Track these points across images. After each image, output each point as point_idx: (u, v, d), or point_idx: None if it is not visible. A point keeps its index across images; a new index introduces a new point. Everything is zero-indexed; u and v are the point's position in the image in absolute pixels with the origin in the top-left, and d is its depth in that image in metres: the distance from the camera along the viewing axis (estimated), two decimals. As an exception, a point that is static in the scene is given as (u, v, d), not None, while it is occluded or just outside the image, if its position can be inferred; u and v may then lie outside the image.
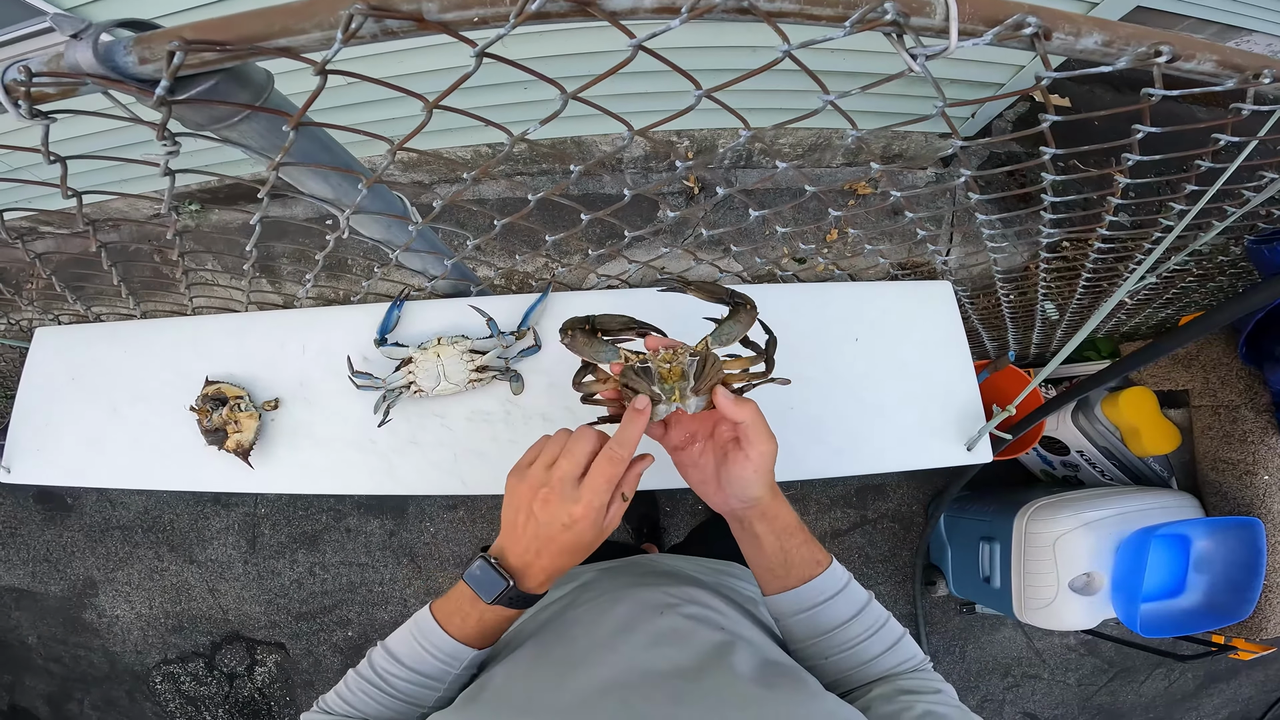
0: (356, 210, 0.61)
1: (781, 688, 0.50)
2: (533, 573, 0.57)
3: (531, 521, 0.56)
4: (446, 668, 0.58)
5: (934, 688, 0.56)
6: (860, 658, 0.59)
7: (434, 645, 0.58)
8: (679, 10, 0.38)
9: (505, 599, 0.56)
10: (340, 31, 0.37)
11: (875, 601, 0.62)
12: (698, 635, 0.58)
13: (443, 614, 0.59)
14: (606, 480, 0.55)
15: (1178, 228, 0.71)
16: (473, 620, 0.58)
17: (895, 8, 0.40)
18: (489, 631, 0.59)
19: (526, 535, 0.56)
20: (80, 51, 0.38)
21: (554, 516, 0.55)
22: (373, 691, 0.58)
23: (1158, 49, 0.45)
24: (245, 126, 0.48)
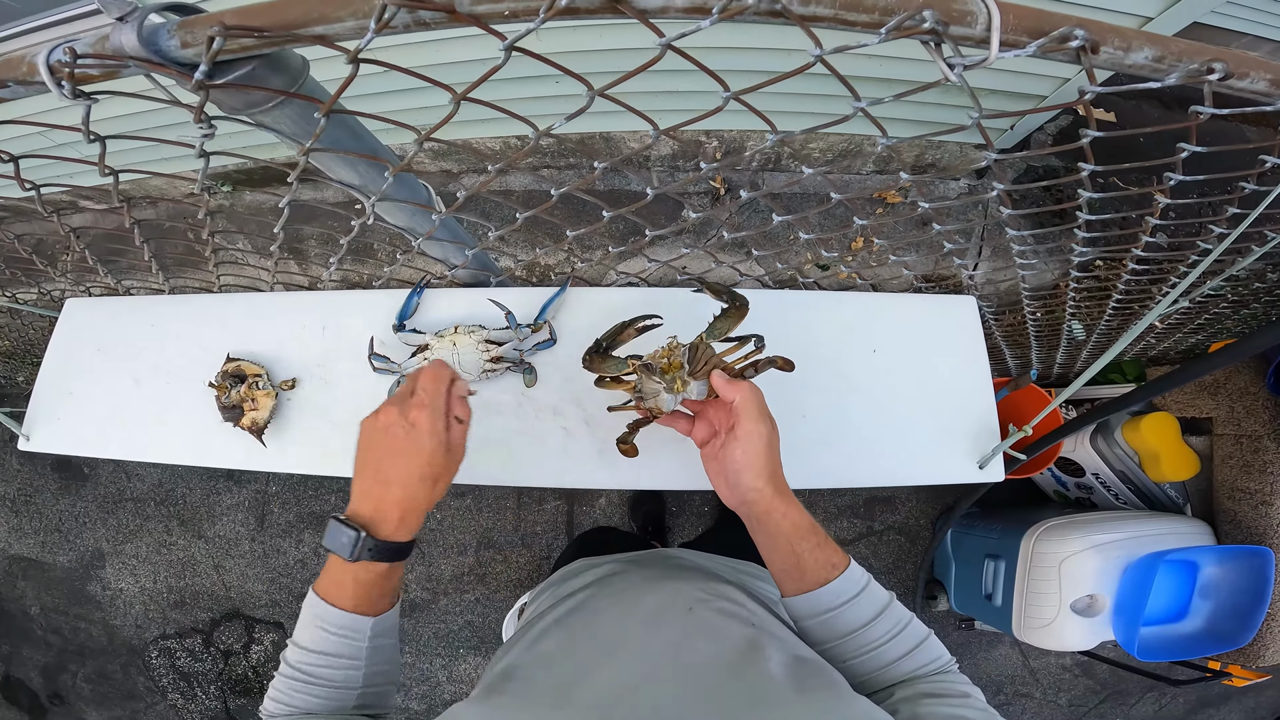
0: (382, 197, 0.61)
1: (814, 690, 0.49)
2: (385, 512, 0.57)
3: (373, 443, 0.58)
4: (351, 641, 0.58)
5: (960, 691, 0.54)
6: (882, 660, 0.58)
7: (329, 623, 0.58)
8: (710, 11, 0.38)
9: (367, 552, 0.56)
10: (374, 21, 0.36)
11: (897, 603, 0.61)
12: (729, 631, 0.57)
13: (324, 589, 0.59)
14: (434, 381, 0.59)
15: (1215, 251, 0.70)
16: (349, 585, 0.57)
17: (934, 15, 0.39)
18: (373, 593, 0.58)
19: (372, 465, 0.58)
20: (125, 34, 0.38)
21: (394, 422, 0.57)
22: (299, 687, 0.58)
23: (1210, 66, 0.43)
24: (279, 112, 0.49)
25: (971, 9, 0.40)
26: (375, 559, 0.56)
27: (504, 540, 2.29)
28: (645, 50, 0.39)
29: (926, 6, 0.39)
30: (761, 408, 0.63)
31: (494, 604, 2.26)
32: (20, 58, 0.44)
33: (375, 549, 0.56)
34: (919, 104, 1.73)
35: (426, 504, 0.59)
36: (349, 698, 0.60)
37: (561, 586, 0.82)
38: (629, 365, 0.71)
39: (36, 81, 0.43)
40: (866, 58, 1.51)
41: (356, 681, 0.59)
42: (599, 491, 2.30)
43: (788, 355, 0.71)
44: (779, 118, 0.54)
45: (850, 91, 0.49)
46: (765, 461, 0.61)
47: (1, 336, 1.88)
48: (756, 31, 1.41)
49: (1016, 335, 1.62)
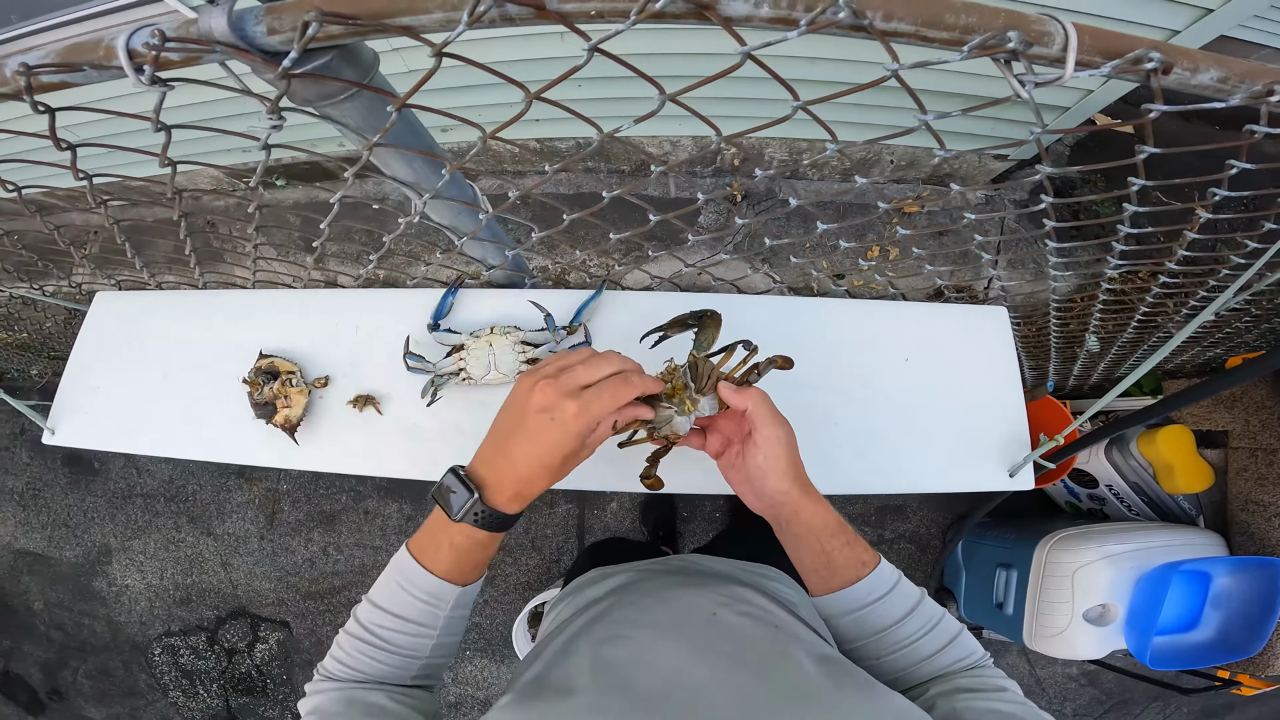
0: (435, 195, 0.62)
1: (848, 685, 0.49)
2: (504, 484, 0.55)
3: (521, 415, 0.55)
4: (433, 609, 0.57)
5: (996, 685, 0.54)
6: (915, 656, 0.58)
7: (415, 585, 0.57)
8: (797, 22, 0.38)
9: (473, 516, 0.54)
10: (466, 14, 0.37)
11: (929, 599, 0.61)
12: (754, 633, 0.57)
13: (418, 548, 0.58)
14: (612, 395, 0.55)
15: (1256, 264, 0.70)
16: (445, 549, 0.56)
17: (1019, 36, 0.39)
18: (465, 562, 0.57)
19: (509, 435, 0.56)
20: (215, 18, 0.38)
21: (548, 406, 0.54)
22: (366, 649, 0.57)
23: (1271, 88, 0.44)
24: (349, 105, 0.49)
25: (1049, 29, 0.40)
26: (479, 525, 0.55)
27: (514, 543, 2.29)
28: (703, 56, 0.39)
29: (1010, 27, 0.39)
30: (774, 410, 0.63)
31: (502, 606, 2.25)
32: (98, 41, 0.43)
33: (483, 515, 0.55)
34: (964, 117, 1.74)
35: (541, 489, 0.57)
36: (412, 666, 0.59)
37: (579, 596, 0.81)
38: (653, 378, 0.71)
39: (114, 66, 0.42)
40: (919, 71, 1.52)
41: (425, 651, 0.58)
42: (610, 495, 2.30)
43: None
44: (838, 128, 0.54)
45: (918, 104, 0.49)
46: (788, 463, 0.61)
47: (19, 328, 1.88)
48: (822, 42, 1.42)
49: (1033, 347, 1.62)
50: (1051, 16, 0.41)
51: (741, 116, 1.61)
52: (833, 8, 0.37)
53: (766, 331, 0.93)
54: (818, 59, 1.48)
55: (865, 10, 0.38)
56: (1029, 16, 0.40)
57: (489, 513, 0.55)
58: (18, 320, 1.79)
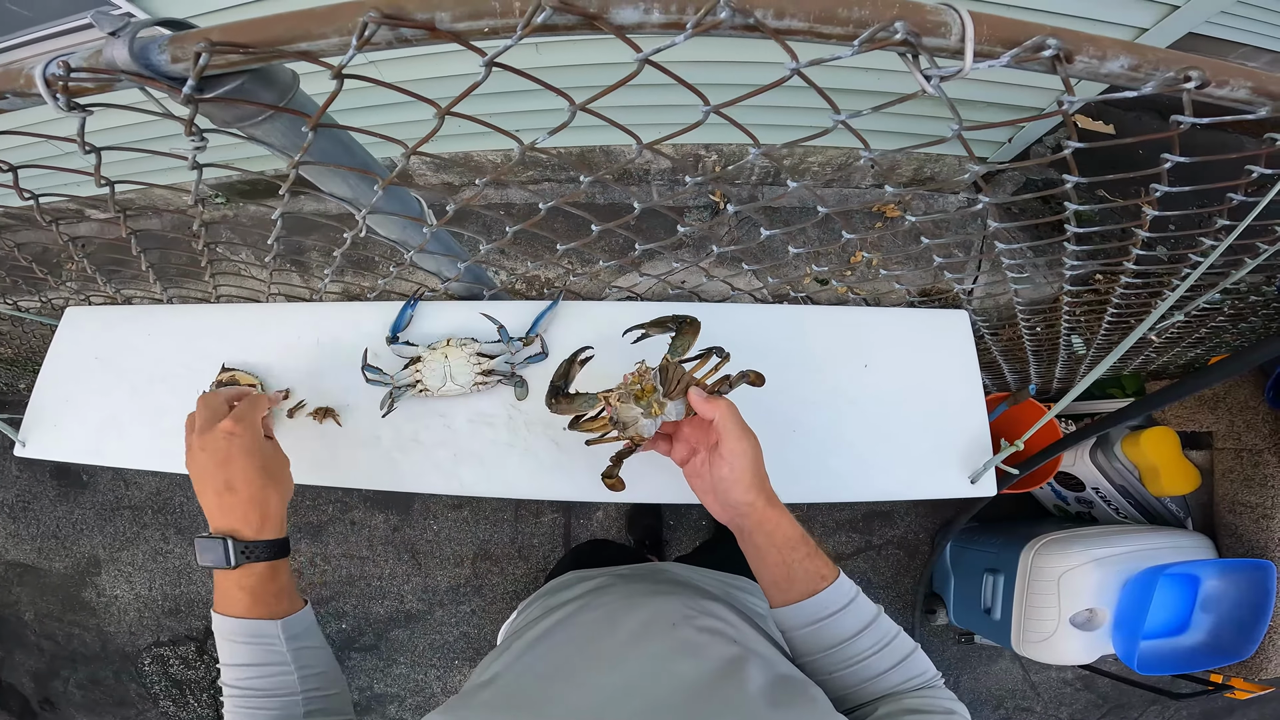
0: (373, 210, 0.62)
1: (793, 706, 0.49)
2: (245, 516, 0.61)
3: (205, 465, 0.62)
4: (267, 647, 0.60)
5: (945, 707, 0.54)
6: (866, 673, 0.58)
7: (235, 634, 0.60)
8: (684, 26, 0.38)
9: (244, 555, 0.59)
10: (355, 38, 0.37)
11: (885, 616, 0.61)
12: (712, 649, 0.57)
13: (219, 606, 0.61)
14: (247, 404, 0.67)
15: (1204, 265, 0.70)
16: (236, 594, 0.60)
17: (906, 27, 0.39)
18: (266, 597, 0.61)
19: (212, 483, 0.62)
20: (117, 49, 0.39)
21: (212, 439, 0.63)
22: (241, 703, 0.60)
23: (1186, 74, 0.43)
24: (269, 125, 0.49)
25: (945, 19, 0.40)
26: (253, 560, 0.59)
27: (501, 552, 2.29)
28: (628, 65, 0.40)
29: (899, 18, 0.39)
30: (741, 423, 0.64)
31: (490, 615, 2.25)
32: (18, 70, 0.44)
33: (248, 550, 0.59)
34: (911, 117, 1.73)
35: (277, 500, 0.64)
36: (294, 705, 0.60)
37: (551, 598, 0.82)
38: (599, 399, 0.71)
39: (34, 93, 0.44)
40: (862, 71, 1.53)
41: (294, 687, 0.60)
42: (596, 505, 2.29)
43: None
44: (768, 130, 0.54)
45: (829, 104, 0.49)
46: (753, 476, 0.62)
47: (4, 344, 1.89)
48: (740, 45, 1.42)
49: (1015, 350, 1.61)
50: (949, 5, 0.40)
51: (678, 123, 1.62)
52: (717, 8, 0.37)
53: (728, 339, 0.93)
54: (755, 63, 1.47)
55: (753, 9, 0.38)
56: (924, 7, 0.39)
57: (252, 545, 0.60)
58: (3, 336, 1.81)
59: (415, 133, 0.48)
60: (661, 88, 1.51)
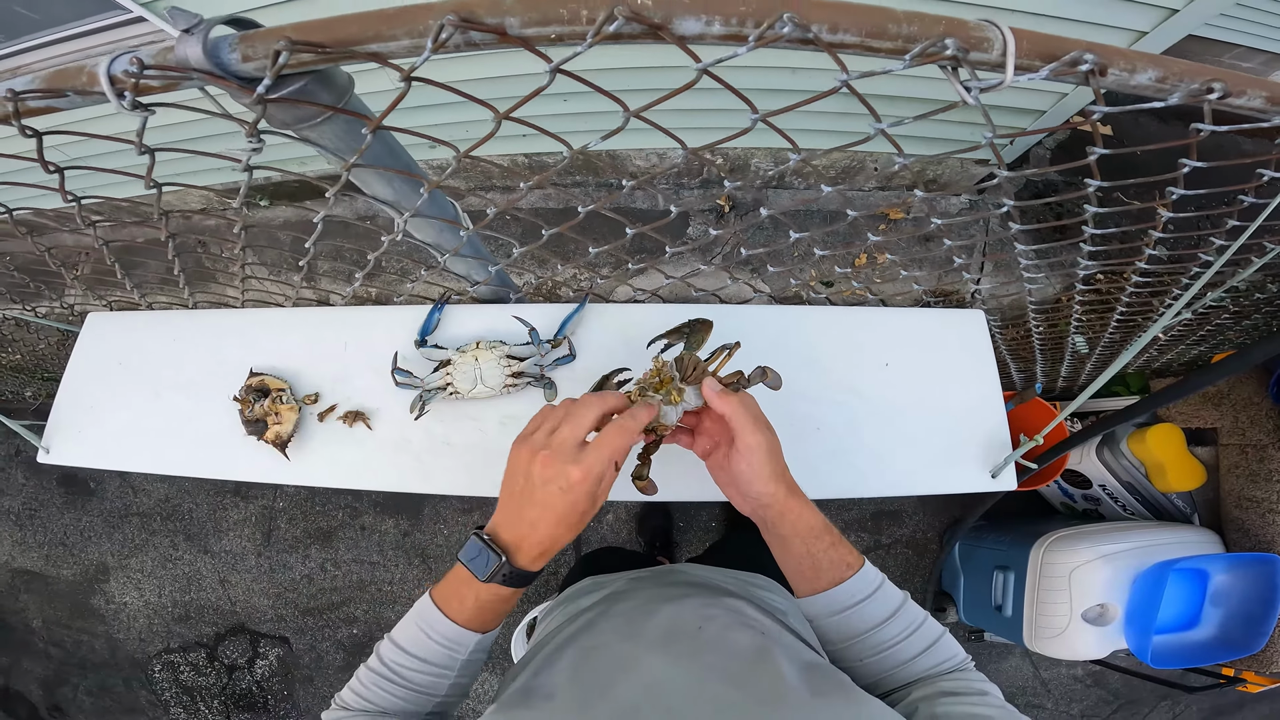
0: (415, 213, 0.63)
1: (829, 694, 0.50)
2: (527, 546, 0.57)
3: (529, 487, 0.56)
4: (452, 653, 0.59)
5: (978, 689, 0.55)
6: (897, 659, 0.58)
7: (437, 632, 0.59)
8: (746, 38, 0.40)
9: (500, 576, 0.56)
10: (430, 40, 0.38)
11: (911, 602, 0.62)
12: (738, 642, 0.58)
13: (442, 598, 0.60)
14: (611, 449, 0.57)
15: (1218, 262, 0.72)
16: (470, 602, 0.58)
17: (955, 43, 0.40)
18: (488, 613, 0.59)
19: (522, 503, 0.57)
20: (191, 46, 0.40)
21: (552, 478, 0.55)
22: (385, 685, 0.59)
23: (1210, 85, 0.45)
24: (326, 127, 0.51)
25: (988, 35, 0.42)
26: (505, 584, 0.57)
27: (511, 555, 2.28)
28: (668, 69, 0.41)
29: (948, 34, 0.41)
30: (756, 416, 0.64)
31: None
32: (79, 67, 0.45)
33: (509, 575, 0.57)
34: (929, 122, 1.76)
35: (566, 543, 0.59)
36: (427, 704, 0.61)
37: (571, 605, 0.82)
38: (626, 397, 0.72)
39: (95, 91, 0.44)
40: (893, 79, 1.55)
41: (441, 689, 0.60)
42: (606, 508, 2.30)
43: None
44: (795, 136, 0.56)
45: (871, 113, 0.51)
46: (771, 468, 0.62)
47: (12, 350, 1.89)
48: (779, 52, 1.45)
49: (1020, 349, 1.64)
50: (991, 22, 0.42)
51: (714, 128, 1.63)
52: (779, 23, 0.38)
53: (748, 340, 0.95)
54: (799, 69, 1.50)
55: (810, 23, 0.39)
56: (968, 23, 0.41)
57: (516, 573, 0.57)
58: (11, 342, 1.81)
59: (451, 135, 0.50)
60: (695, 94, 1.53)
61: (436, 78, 0.45)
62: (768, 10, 0.39)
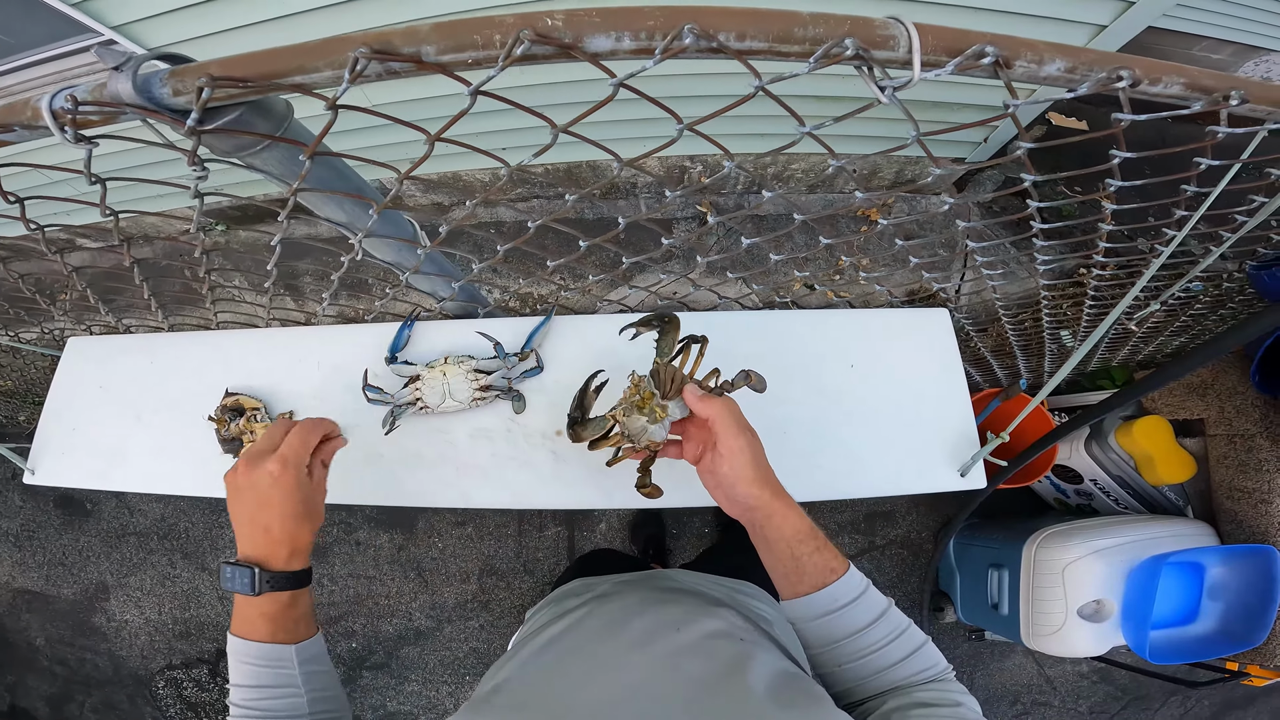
0: (368, 233, 0.65)
1: (795, 705, 0.50)
2: (274, 549, 0.61)
3: (246, 496, 0.62)
4: (281, 670, 0.61)
5: (953, 700, 0.54)
6: (875, 665, 0.58)
7: (252, 657, 0.61)
8: (653, 51, 0.41)
9: (266, 584, 0.60)
10: (348, 72, 0.40)
11: (895, 609, 0.61)
12: (717, 650, 0.58)
13: (238, 629, 0.62)
14: (298, 440, 0.64)
15: (1163, 255, 0.72)
16: (258, 620, 0.61)
17: (855, 43, 0.41)
18: (283, 622, 0.62)
19: (250, 514, 0.62)
20: (121, 83, 0.41)
21: (257, 477, 0.62)
22: None
23: (1118, 73, 0.46)
24: (267, 154, 0.52)
25: (893, 33, 0.42)
26: (276, 589, 0.61)
27: (506, 567, 2.29)
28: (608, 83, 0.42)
29: (849, 34, 0.41)
30: (738, 420, 0.64)
31: (498, 630, 2.25)
32: (24, 102, 0.46)
33: (274, 580, 0.61)
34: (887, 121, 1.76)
35: (308, 536, 0.64)
36: None
37: (559, 605, 0.83)
38: (608, 419, 0.73)
39: (40, 126, 0.46)
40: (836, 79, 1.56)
41: (303, 709, 0.62)
42: (599, 516, 2.31)
43: (766, 374, 0.73)
44: (745, 140, 0.57)
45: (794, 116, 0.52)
46: (754, 471, 0.63)
47: (3, 376, 1.91)
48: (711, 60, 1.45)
49: (1004, 346, 1.64)
50: (896, 19, 0.42)
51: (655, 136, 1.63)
52: (682, 34, 0.40)
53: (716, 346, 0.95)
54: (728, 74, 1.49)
55: (716, 33, 0.40)
56: (874, 22, 0.42)
57: (279, 575, 0.61)
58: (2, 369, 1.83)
59: (405, 152, 0.51)
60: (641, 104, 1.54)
61: (380, 99, 0.46)
62: (671, 23, 0.40)
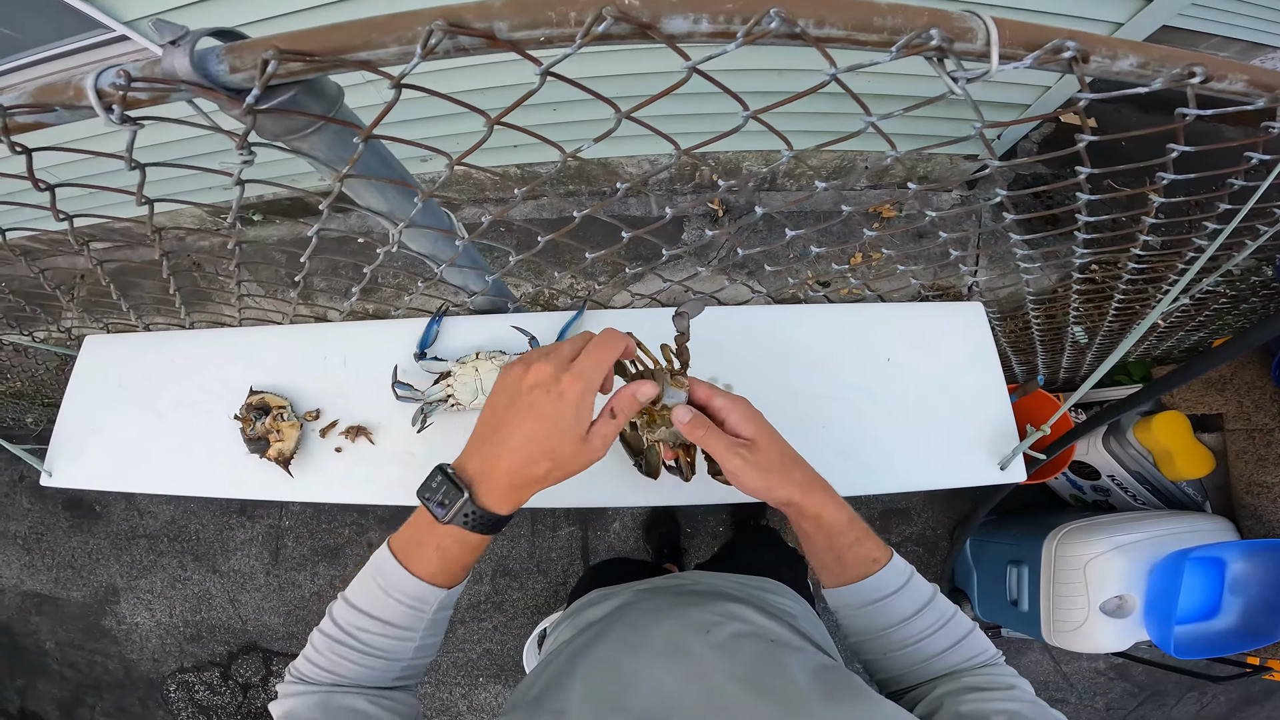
0: (409, 223, 0.63)
1: (841, 698, 0.49)
2: (495, 474, 0.51)
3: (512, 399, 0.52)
4: (415, 612, 0.54)
5: (1006, 684, 0.53)
6: (923, 654, 0.57)
7: (395, 588, 0.53)
8: (735, 35, 0.40)
9: (462, 517, 0.50)
10: (419, 46, 0.38)
11: (941, 597, 0.60)
12: (746, 648, 0.57)
13: (400, 547, 0.54)
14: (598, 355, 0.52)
15: (1211, 247, 0.71)
16: (431, 549, 0.52)
17: (940, 33, 0.41)
18: (452, 564, 0.53)
19: (500, 422, 0.52)
20: (178, 58, 0.39)
21: (541, 383, 0.50)
22: (342, 651, 0.54)
23: (1191, 70, 0.46)
24: (316, 138, 0.51)
25: (972, 25, 0.42)
26: (469, 527, 0.51)
27: (519, 568, 2.28)
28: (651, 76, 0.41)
29: (932, 25, 0.41)
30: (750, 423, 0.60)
31: (512, 631, 2.24)
32: (66, 81, 0.44)
33: (472, 516, 0.51)
34: (916, 118, 1.77)
35: (538, 483, 0.52)
36: (393, 669, 0.55)
37: (579, 618, 0.82)
38: (651, 444, 0.70)
39: (84, 105, 0.43)
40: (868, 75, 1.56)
41: (406, 653, 0.55)
42: (613, 515, 2.29)
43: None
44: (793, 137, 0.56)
45: (862, 108, 0.51)
46: (780, 474, 0.59)
47: (12, 377, 1.89)
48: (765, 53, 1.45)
49: (1020, 341, 1.63)
50: (973, 13, 0.42)
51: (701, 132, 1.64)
52: (766, 18, 0.38)
53: (747, 341, 0.95)
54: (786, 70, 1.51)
55: (797, 18, 0.39)
56: (951, 14, 0.41)
57: (479, 514, 0.51)
58: (10, 369, 1.81)
59: (461, 144, 0.49)
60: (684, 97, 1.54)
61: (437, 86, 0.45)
62: (754, 6, 0.39)
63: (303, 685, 0.55)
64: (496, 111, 0.46)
